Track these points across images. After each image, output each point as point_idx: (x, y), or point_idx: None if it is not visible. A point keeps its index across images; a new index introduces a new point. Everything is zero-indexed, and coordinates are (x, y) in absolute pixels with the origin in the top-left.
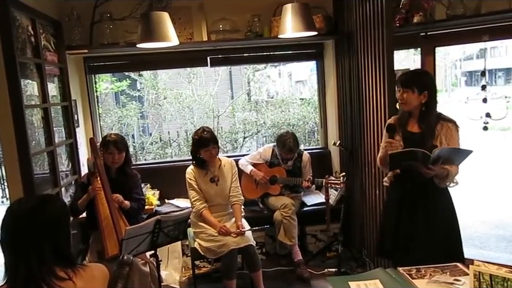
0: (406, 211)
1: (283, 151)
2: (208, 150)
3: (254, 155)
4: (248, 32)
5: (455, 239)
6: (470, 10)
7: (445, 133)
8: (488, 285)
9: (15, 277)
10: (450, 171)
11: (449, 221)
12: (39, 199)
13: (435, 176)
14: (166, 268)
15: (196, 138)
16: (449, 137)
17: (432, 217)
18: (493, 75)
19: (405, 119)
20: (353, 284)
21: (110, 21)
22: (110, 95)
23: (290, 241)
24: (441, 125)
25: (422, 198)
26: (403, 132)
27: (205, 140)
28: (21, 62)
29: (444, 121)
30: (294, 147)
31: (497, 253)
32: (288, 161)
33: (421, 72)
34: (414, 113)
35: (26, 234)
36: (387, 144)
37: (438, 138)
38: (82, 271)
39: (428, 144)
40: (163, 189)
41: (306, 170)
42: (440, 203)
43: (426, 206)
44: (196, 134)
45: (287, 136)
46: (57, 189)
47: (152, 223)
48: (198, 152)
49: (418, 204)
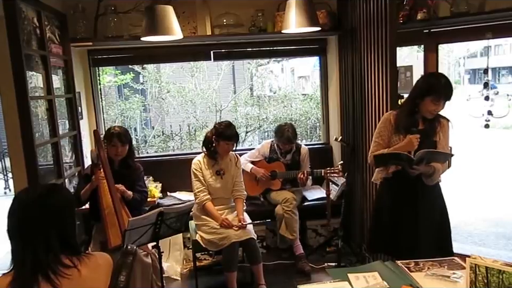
0: (400, 206)
1: (281, 141)
2: (228, 144)
3: (252, 153)
4: (252, 27)
5: (446, 232)
6: (474, 7)
7: (441, 129)
8: (484, 277)
9: (22, 264)
10: (437, 168)
11: (440, 215)
12: (46, 188)
13: (422, 175)
14: (168, 260)
15: (221, 129)
16: (444, 133)
17: (423, 211)
18: (496, 73)
19: (410, 120)
20: (352, 275)
21: (115, 14)
22: (113, 88)
23: (292, 235)
24: (439, 122)
25: (413, 193)
26: (408, 131)
27: (230, 134)
28: (27, 54)
29: (441, 118)
30: (293, 137)
31: (496, 250)
32: (287, 154)
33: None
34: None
35: (33, 223)
36: (414, 140)
37: (437, 134)
38: (87, 259)
39: (430, 140)
40: (165, 182)
41: (305, 163)
42: (431, 198)
43: (418, 200)
44: (221, 125)
45: (285, 126)
46: (61, 180)
47: (155, 214)
48: (217, 142)
49: (410, 199)
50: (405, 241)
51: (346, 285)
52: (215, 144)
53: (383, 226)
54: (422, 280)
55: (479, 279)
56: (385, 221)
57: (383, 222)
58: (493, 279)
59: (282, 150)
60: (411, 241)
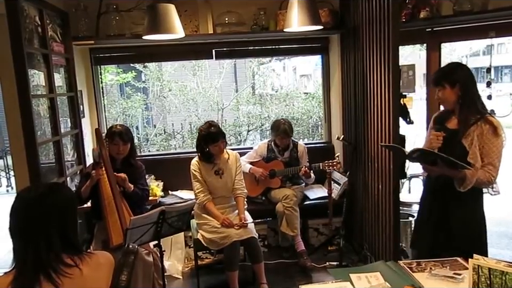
0: (436, 205)
1: (279, 136)
2: (217, 145)
3: (250, 154)
4: (254, 26)
5: (479, 244)
6: (477, 6)
7: (480, 134)
8: (486, 278)
9: (23, 263)
10: (467, 175)
11: (463, 225)
12: (48, 187)
13: (454, 178)
14: (169, 259)
15: (204, 134)
16: (483, 140)
17: (443, 215)
18: (499, 72)
19: (444, 115)
20: (354, 275)
21: (116, 12)
22: (115, 86)
23: (293, 232)
24: (479, 125)
25: (445, 197)
26: (441, 127)
27: (213, 135)
28: (28, 52)
29: (484, 122)
30: (289, 130)
31: (498, 249)
32: (285, 152)
33: (449, 66)
34: (456, 110)
35: (35, 222)
36: (433, 137)
37: (470, 137)
38: (89, 258)
39: (455, 141)
40: (167, 181)
41: (303, 160)
42: (455, 204)
43: (450, 205)
44: (203, 129)
45: (281, 120)
46: (62, 178)
47: (156, 213)
48: (206, 147)
49: (443, 201)
50: (428, 241)
51: (348, 285)
52: (206, 149)
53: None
54: (425, 281)
55: (482, 280)
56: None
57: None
58: (496, 280)
59: (280, 146)
60: (432, 242)
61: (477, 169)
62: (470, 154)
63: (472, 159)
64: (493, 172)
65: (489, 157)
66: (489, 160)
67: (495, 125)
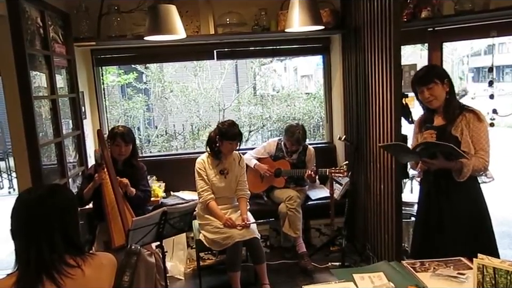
0: (433, 205)
1: (290, 141)
2: (231, 143)
3: (258, 149)
4: (255, 26)
5: (486, 236)
6: (479, 5)
7: (467, 123)
8: (491, 278)
9: (26, 264)
10: (465, 164)
11: (469, 217)
12: (49, 188)
13: (452, 170)
14: (171, 259)
15: (224, 129)
16: (471, 128)
17: (455, 212)
18: (501, 71)
19: (427, 117)
20: (357, 276)
21: (118, 14)
22: (116, 88)
23: (295, 233)
24: (463, 115)
25: (444, 192)
26: (431, 126)
27: (234, 133)
28: (30, 53)
29: (466, 111)
30: (302, 139)
31: (501, 249)
32: (293, 154)
33: (430, 65)
34: (439, 108)
35: (37, 223)
36: (427, 135)
37: (459, 128)
38: (91, 259)
39: (447, 133)
40: (168, 181)
41: (310, 164)
42: (458, 197)
43: (449, 200)
44: (224, 125)
45: (297, 127)
46: (64, 179)
47: (158, 214)
48: (221, 142)
49: (441, 198)
50: (432, 242)
51: (351, 285)
52: (219, 144)
53: (416, 225)
54: (428, 281)
55: (487, 280)
56: (417, 221)
57: (417, 222)
58: (501, 279)
59: (289, 149)
60: (437, 241)
61: (472, 156)
62: (462, 144)
63: (466, 148)
64: (485, 157)
65: (479, 143)
66: (480, 146)
67: (477, 112)
